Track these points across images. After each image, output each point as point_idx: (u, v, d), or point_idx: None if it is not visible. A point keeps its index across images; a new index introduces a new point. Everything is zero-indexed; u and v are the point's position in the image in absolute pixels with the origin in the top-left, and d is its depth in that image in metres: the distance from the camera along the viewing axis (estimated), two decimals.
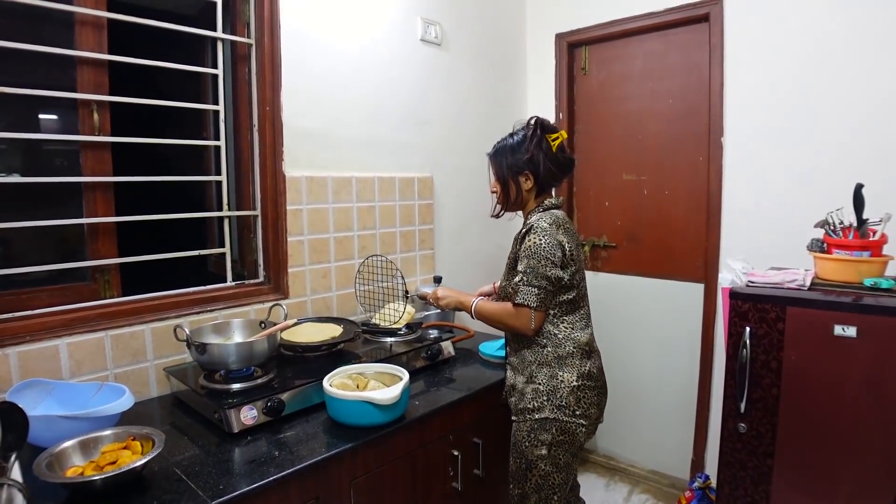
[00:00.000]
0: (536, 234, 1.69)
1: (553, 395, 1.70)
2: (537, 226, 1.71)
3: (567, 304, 1.75)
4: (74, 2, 1.75)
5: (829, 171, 2.34)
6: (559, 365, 1.72)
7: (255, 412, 1.57)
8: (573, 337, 1.74)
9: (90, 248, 1.83)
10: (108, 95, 1.81)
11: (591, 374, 1.75)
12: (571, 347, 1.73)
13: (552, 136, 1.80)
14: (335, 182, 2.34)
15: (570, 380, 1.71)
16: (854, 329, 1.66)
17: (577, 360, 1.73)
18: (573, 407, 1.70)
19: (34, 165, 1.86)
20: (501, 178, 1.85)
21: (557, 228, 1.72)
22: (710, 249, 2.73)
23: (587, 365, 1.75)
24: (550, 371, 1.72)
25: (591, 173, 3.23)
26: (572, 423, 1.70)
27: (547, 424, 1.70)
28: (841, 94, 2.30)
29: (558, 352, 1.73)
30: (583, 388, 1.72)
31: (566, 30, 3.19)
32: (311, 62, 2.24)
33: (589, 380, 1.74)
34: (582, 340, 1.75)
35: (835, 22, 2.29)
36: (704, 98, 2.73)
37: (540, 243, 1.68)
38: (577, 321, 1.77)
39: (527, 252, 1.70)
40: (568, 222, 1.80)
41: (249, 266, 2.24)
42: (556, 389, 1.71)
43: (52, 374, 1.64)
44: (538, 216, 1.77)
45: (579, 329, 1.77)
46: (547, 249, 1.67)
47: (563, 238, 1.72)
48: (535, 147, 1.77)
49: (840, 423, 1.71)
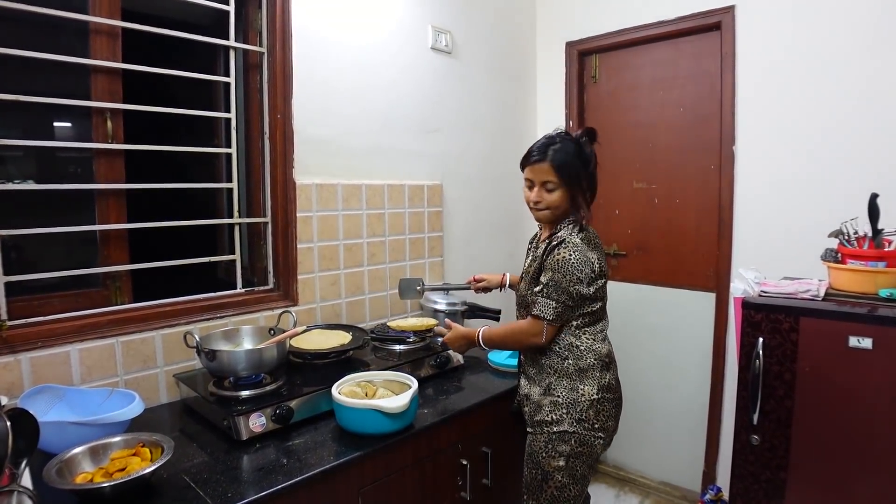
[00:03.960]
0: (567, 249, 1.65)
1: (573, 409, 1.68)
2: (569, 241, 1.67)
3: (590, 315, 1.72)
4: (90, 11, 1.77)
5: (843, 180, 2.31)
6: (580, 377, 1.70)
7: (263, 419, 1.57)
8: (594, 349, 1.72)
9: (102, 255, 1.85)
10: (121, 104, 1.83)
11: (611, 386, 1.73)
12: (592, 359, 1.70)
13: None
14: (345, 189, 2.34)
15: (590, 393, 1.68)
16: (870, 341, 1.64)
17: (598, 373, 1.70)
18: (593, 420, 1.68)
19: (48, 172, 1.88)
20: (567, 185, 1.73)
21: (589, 244, 1.71)
22: (722, 258, 2.71)
23: (607, 377, 1.72)
24: (570, 384, 1.70)
25: (602, 181, 3.11)
26: (591, 435, 1.68)
27: (566, 437, 1.67)
28: (855, 103, 2.28)
29: (579, 364, 1.70)
30: (602, 400, 1.70)
31: (576, 38, 3.18)
32: (322, 70, 2.25)
33: (608, 392, 1.72)
34: (602, 352, 1.73)
35: (848, 29, 2.27)
36: (716, 106, 2.71)
37: (570, 259, 1.64)
38: (597, 332, 1.75)
39: (553, 265, 1.66)
40: (597, 237, 1.80)
41: (259, 273, 2.24)
42: (575, 402, 1.68)
43: (63, 379, 1.65)
44: (569, 230, 1.73)
45: (600, 341, 1.74)
46: (576, 266, 1.64)
47: (593, 255, 1.70)
48: (595, 162, 1.78)
49: (855, 435, 1.68)
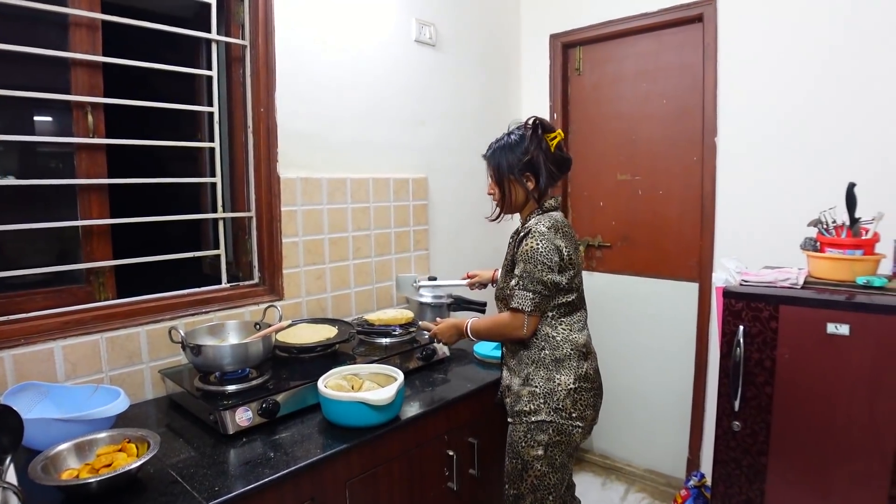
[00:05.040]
0: (534, 238, 1.67)
1: (549, 398, 1.69)
2: (535, 230, 1.68)
3: (565, 306, 1.74)
4: (69, 3, 1.74)
5: (821, 170, 2.35)
6: (556, 367, 1.71)
7: (250, 414, 1.57)
8: (571, 339, 1.73)
9: (85, 251, 1.83)
10: (102, 97, 1.81)
11: (588, 375, 1.74)
12: (569, 349, 1.72)
13: (551, 135, 1.76)
14: (329, 183, 2.34)
15: (566, 382, 1.70)
16: (847, 327, 1.67)
17: (575, 363, 1.72)
18: (570, 409, 1.69)
19: (29, 167, 1.86)
20: (500, 181, 1.80)
21: (556, 232, 1.69)
22: (705, 248, 2.74)
23: (584, 367, 1.73)
24: (547, 374, 1.71)
25: (586, 173, 3.24)
26: (568, 424, 1.70)
27: (543, 426, 1.69)
28: (833, 94, 2.31)
29: (556, 354, 1.71)
30: (579, 390, 1.71)
31: (560, 30, 3.19)
32: (305, 63, 2.24)
33: (585, 381, 1.73)
34: (579, 342, 1.74)
35: (827, 22, 2.30)
36: (698, 98, 2.74)
37: (537, 247, 1.65)
38: (574, 323, 1.76)
39: (524, 256, 1.67)
40: (566, 225, 1.77)
41: (244, 267, 2.24)
42: (552, 392, 1.70)
43: (48, 376, 1.64)
44: (536, 219, 1.73)
45: (577, 331, 1.75)
46: (544, 254, 1.65)
47: (560, 242, 1.69)
48: (536, 148, 1.73)
49: (834, 420, 1.72)
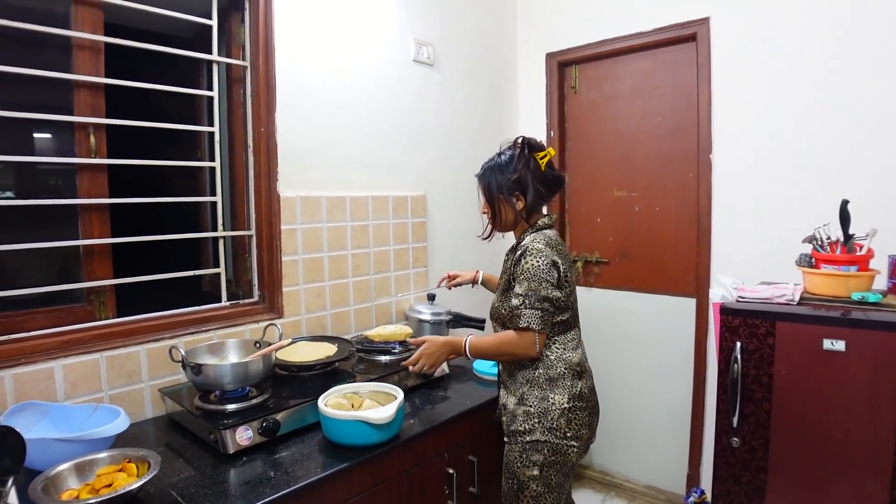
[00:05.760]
0: (533, 256, 1.67)
1: (544, 418, 1.69)
2: (532, 247, 1.69)
3: (560, 325, 1.74)
4: (72, 26, 1.77)
5: (815, 186, 2.38)
6: (550, 386, 1.71)
7: (250, 433, 1.57)
8: (565, 357, 1.73)
9: (85, 270, 1.84)
10: (104, 118, 1.83)
11: (583, 394, 1.74)
12: (563, 368, 1.72)
13: (540, 154, 1.77)
14: (329, 201, 2.36)
15: (560, 402, 1.69)
16: (843, 343, 1.68)
17: (569, 381, 1.72)
18: (564, 429, 1.69)
19: (29, 185, 1.87)
20: (491, 200, 1.82)
21: (552, 249, 1.70)
22: (702, 264, 2.76)
23: (578, 385, 1.73)
24: (542, 393, 1.70)
25: (583, 190, 3.27)
26: (563, 444, 1.69)
27: (538, 446, 1.68)
28: (826, 112, 2.35)
29: (549, 373, 1.71)
30: (574, 409, 1.70)
31: (556, 49, 3.24)
32: (305, 83, 2.27)
33: (580, 401, 1.72)
34: (573, 361, 1.74)
35: (821, 41, 2.34)
36: (693, 116, 2.77)
37: (538, 265, 1.66)
38: (568, 342, 1.76)
39: (525, 275, 1.67)
40: (560, 243, 1.78)
41: (244, 286, 2.25)
42: (546, 412, 1.69)
43: (47, 395, 1.64)
44: (531, 237, 1.74)
45: (571, 349, 1.75)
46: (545, 270, 1.65)
47: (557, 259, 1.69)
48: (524, 167, 1.75)
49: (831, 436, 1.72)
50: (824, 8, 2.32)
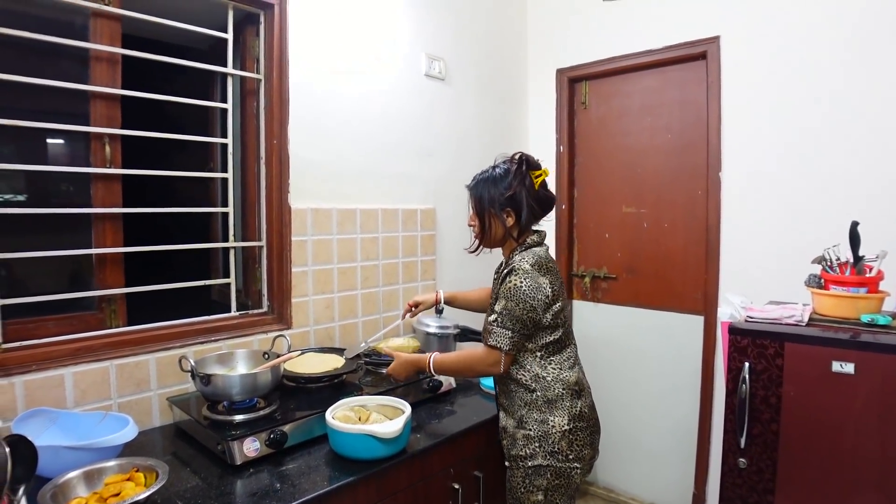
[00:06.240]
0: (518, 276, 1.65)
1: (545, 442, 1.66)
2: (518, 267, 1.66)
3: (553, 344, 1.71)
4: (90, 38, 1.80)
5: (825, 207, 2.37)
6: (549, 409, 1.68)
7: (257, 444, 1.58)
8: (562, 378, 1.70)
9: (97, 277, 1.86)
10: (120, 129, 1.86)
11: (583, 414, 1.71)
12: (561, 389, 1.69)
13: (535, 172, 1.74)
14: (340, 214, 2.38)
15: (561, 424, 1.67)
16: (852, 366, 1.68)
17: (568, 402, 1.69)
18: (566, 452, 1.66)
19: (41, 189, 1.89)
20: (481, 213, 1.77)
21: (539, 269, 1.67)
22: (710, 282, 2.75)
23: (578, 405, 1.70)
24: (541, 416, 1.68)
25: (592, 205, 3.28)
26: (566, 467, 1.67)
27: (541, 471, 1.67)
28: (837, 132, 2.35)
29: (548, 395, 1.68)
30: (574, 430, 1.68)
31: (567, 65, 3.26)
32: (318, 97, 2.29)
33: (580, 421, 1.70)
34: (571, 380, 1.71)
35: (830, 59, 2.35)
36: (702, 134, 2.78)
37: (521, 286, 1.63)
38: (564, 361, 1.73)
39: (506, 293, 1.65)
40: (550, 260, 1.75)
41: (254, 296, 2.26)
42: (547, 435, 1.66)
43: (57, 402, 1.66)
44: (520, 256, 1.71)
45: (567, 368, 1.72)
46: (527, 293, 1.63)
47: (545, 280, 1.66)
48: (519, 184, 1.71)
49: (840, 459, 1.71)
50: (833, 26, 2.33)
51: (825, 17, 2.35)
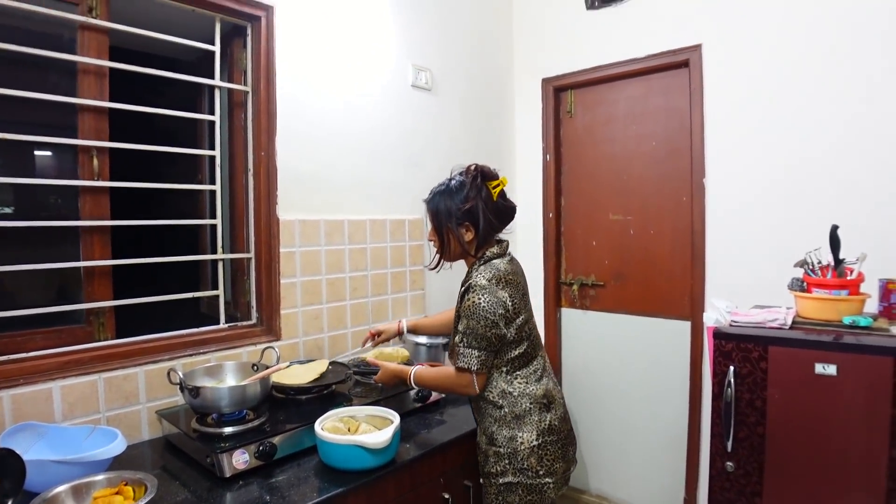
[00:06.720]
0: (476, 293, 1.62)
1: (514, 458, 1.65)
2: (475, 283, 1.64)
3: (518, 358, 1.69)
4: (78, 51, 1.81)
5: (807, 210, 2.41)
6: (518, 425, 1.66)
7: (247, 456, 1.58)
8: (529, 392, 1.68)
9: (86, 290, 1.86)
10: (108, 141, 1.86)
11: (553, 427, 1.69)
12: (528, 404, 1.67)
13: (493, 183, 1.72)
14: (328, 225, 2.39)
15: (529, 440, 1.65)
16: (834, 367, 1.70)
17: (536, 416, 1.67)
18: (536, 468, 1.65)
19: (29, 202, 1.88)
20: (439, 228, 1.75)
21: (498, 283, 1.65)
22: (696, 288, 2.78)
23: (547, 418, 1.68)
24: (510, 432, 1.66)
25: (578, 213, 3.31)
26: (537, 483, 1.65)
27: (512, 487, 1.66)
28: (816, 137, 2.39)
29: (515, 410, 1.67)
30: (543, 445, 1.66)
31: (552, 74, 3.29)
32: (306, 108, 2.31)
33: (550, 434, 1.68)
34: (538, 394, 1.69)
35: (809, 67, 2.40)
36: (686, 140, 2.82)
37: (479, 303, 1.61)
38: (530, 374, 1.71)
39: (466, 312, 1.63)
40: (510, 272, 1.70)
41: (242, 308, 2.26)
42: (516, 452, 1.65)
43: (45, 416, 1.65)
44: (477, 272, 1.69)
45: (534, 382, 1.70)
46: (486, 309, 1.60)
47: (504, 294, 1.64)
48: (476, 196, 1.68)
49: (825, 460, 1.73)
50: (814, 34, 2.37)
51: (804, 25, 2.40)
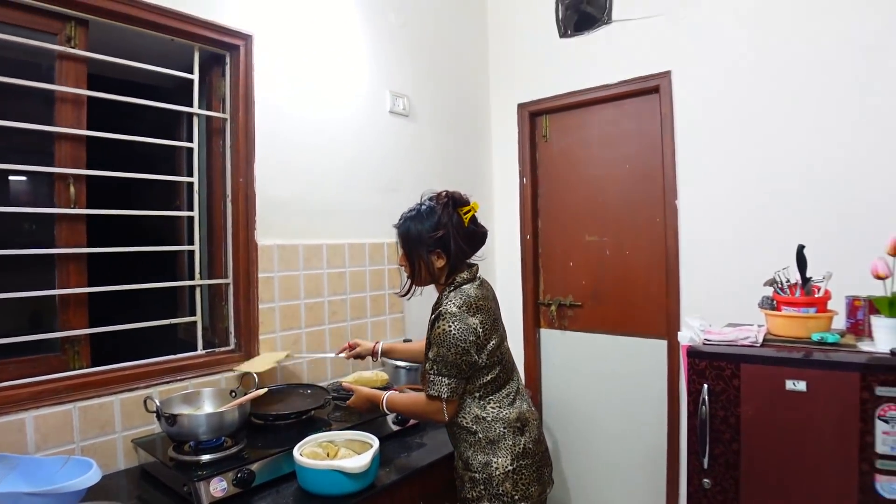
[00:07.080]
0: (445, 321, 1.62)
1: (489, 485, 1.64)
2: (445, 311, 1.63)
3: (491, 383, 1.69)
4: (56, 80, 1.81)
5: (776, 230, 2.48)
6: (493, 449, 1.65)
7: (224, 484, 1.56)
8: (502, 416, 1.67)
9: (61, 319, 1.83)
10: (85, 169, 1.86)
11: (527, 450, 1.68)
12: (502, 428, 1.66)
13: (464, 209, 1.71)
14: (306, 249, 2.39)
15: (504, 465, 1.64)
16: (804, 383, 1.74)
17: (510, 441, 1.66)
18: (511, 493, 1.63)
19: (4, 229, 1.85)
20: (410, 254, 1.74)
21: (468, 310, 1.64)
22: (671, 307, 2.83)
23: (521, 442, 1.67)
24: (485, 457, 1.65)
25: (556, 235, 3.35)
26: None
27: None
28: (783, 160, 2.47)
29: (489, 436, 1.66)
30: (518, 469, 1.65)
31: (528, 100, 3.37)
32: (284, 134, 2.33)
33: (525, 458, 1.67)
34: (511, 417, 1.68)
35: (776, 93, 2.49)
36: (658, 163, 2.89)
37: (449, 330, 1.60)
38: (503, 398, 1.70)
39: (436, 340, 1.62)
40: (480, 298, 1.69)
41: (220, 333, 2.25)
42: (490, 478, 1.64)
43: (17, 448, 1.62)
44: (447, 299, 1.68)
45: (507, 406, 1.69)
46: (457, 336, 1.60)
47: (474, 321, 1.64)
48: (447, 223, 1.68)
49: (798, 474, 1.76)
50: (780, 61, 2.47)
51: (770, 50, 2.50)
